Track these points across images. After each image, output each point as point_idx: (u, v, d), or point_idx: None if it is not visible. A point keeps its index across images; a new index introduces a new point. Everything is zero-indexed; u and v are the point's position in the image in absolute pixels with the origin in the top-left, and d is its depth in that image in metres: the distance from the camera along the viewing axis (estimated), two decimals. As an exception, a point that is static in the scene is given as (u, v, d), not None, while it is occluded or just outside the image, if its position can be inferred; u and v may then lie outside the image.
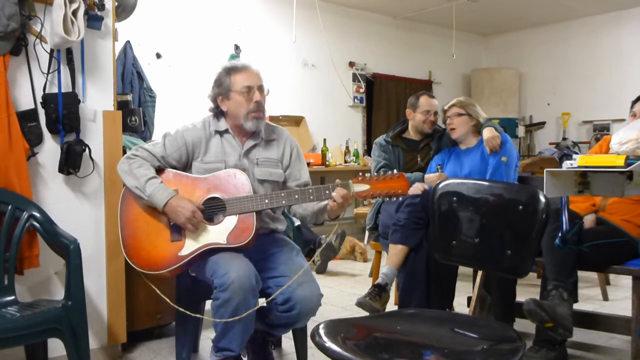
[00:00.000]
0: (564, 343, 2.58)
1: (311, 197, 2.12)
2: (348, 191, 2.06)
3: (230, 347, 2.07)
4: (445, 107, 3.29)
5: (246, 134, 2.32)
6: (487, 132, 3.16)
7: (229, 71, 2.29)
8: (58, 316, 2.07)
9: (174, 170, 2.26)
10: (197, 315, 2.25)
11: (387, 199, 2.06)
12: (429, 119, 3.37)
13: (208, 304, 2.33)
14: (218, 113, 2.34)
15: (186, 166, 2.30)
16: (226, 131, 2.31)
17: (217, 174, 2.21)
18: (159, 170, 2.24)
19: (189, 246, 2.12)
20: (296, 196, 2.12)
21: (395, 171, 2.07)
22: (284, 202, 2.13)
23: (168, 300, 2.19)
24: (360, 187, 2.06)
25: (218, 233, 2.12)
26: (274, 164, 2.33)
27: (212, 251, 2.11)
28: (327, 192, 2.09)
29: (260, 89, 2.28)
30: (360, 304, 2.82)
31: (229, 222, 2.12)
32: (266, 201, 2.12)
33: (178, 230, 2.14)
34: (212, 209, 2.16)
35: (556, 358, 2.53)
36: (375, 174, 2.08)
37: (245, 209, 2.11)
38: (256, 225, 2.11)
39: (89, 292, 2.50)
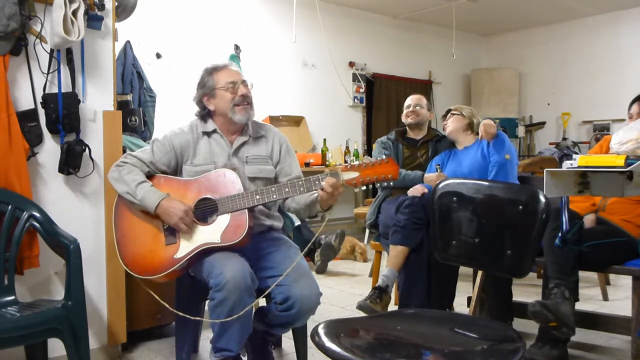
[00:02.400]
0: (566, 342, 2.58)
1: (301, 189, 2.11)
2: (337, 180, 2.05)
3: (229, 347, 2.07)
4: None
5: (235, 131, 2.33)
6: (485, 120, 3.23)
7: (211, 71, 2.33)
8: (58, 316, 2.07)
9: (165, 175, 2.28)
10: (197, 318, 2.25)
11: (378, 184, 2.04)
12: (409, 110, 3.46)
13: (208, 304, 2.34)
14: (205, 115, 2.36)
15: (176, 170, 2.31)
16: (214, 131, 2.32)
17: (206, 174, 2.21)
18: (150, 176, 2.25)
19: (184, 248, 2.12)
20: (286, 189, 2.12)
21: (384, 156, 2.05)
22: (275, 196, 2.12)
23: (167, 306, 2.20)
24: (349, 175, 2.04)
25: (212, 233, 2.12)
26: (264, 160, 2.34)
27: (208, 251, 2.11)
28: (317, 182, 2.08)
29: (244, 83, 2.31)
30: (360, 307, 2.82)
31: (222, 221, 2.13)
32: (257, 197, 2.12)
33: (172, 233, 2.14)
34: (205, 210, 2.16)
35: (559, 356, 2.53)
36: (365, 161, 2.06)
37: (237, 207, 2.12)
38: (249, 222, 2.12)
39: (89, 292, 2.50)
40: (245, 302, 2.01)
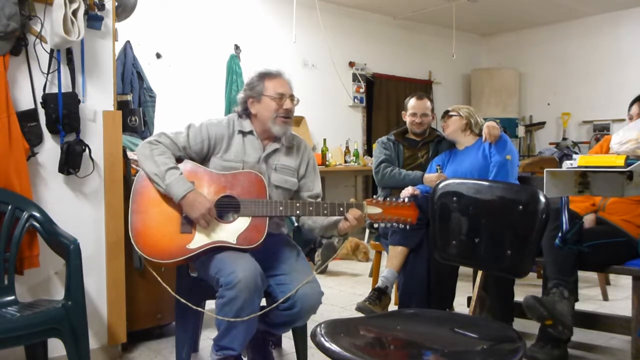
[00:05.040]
0: (567, 342, 2.58)
1: (325, 212, 2.15)
2: (362, 212, 2.12)
3: (232, 346, 2.07)
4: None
5: (269, 137, 2.34)
6: (489, 122, 3.21)
7: (263, 76, 2.33)
8: (58, 316, 2.07)
9: (193, 162, 2.26)
10: (199, 309, 2.25)
11: (396, 225, 2.10)
12: (415, 121, 3.37)
13: (207, 304, 2.33)
14: (244, 115, 2.36)
15: (204, 160, 2.30)
16: (250, 132, 2.32)
17: (235, 173, 2.21)
18: (178, 160, 2.23)
19: (198, 240, 2.12)
20: (310, 208, 2.15)
21: (407, 200, 2.12)
22: (298, 212, 2.16)
23: (169, 289, 2.19)
24: (373, 210, 2.12)
25: (229, 232, 2.13)
26: (291, 172, 2.35)
27: (219, 249, 2.11)
28: (342, 209, 2.14)
29: (292, 97, 2.32)
30: (359, 308, 2.82)
31: (241, 223, 2.13)
32: (280, 208, 2.14)
33: (189, 222, 2.13)
34: (226, 207, 2.16)
35: (560, 356, 2.53)
36: (389, 199, 2.13)
37: (259, 213, 2.13)
38: (268, 230, 2.13)
39: (89, 292, 2.50)
40: (254, 302, 2.02)
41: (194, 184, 2.16)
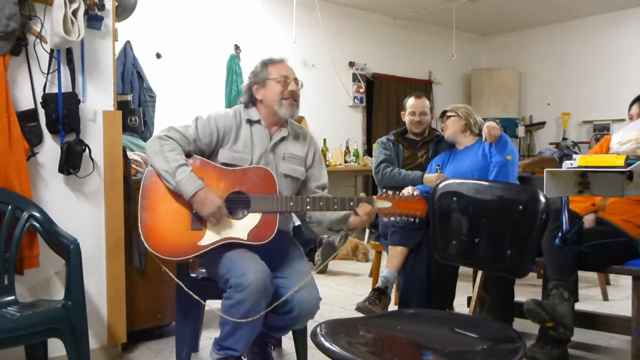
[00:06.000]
0: (567, 342, 2.59)
1: (335, 207, 2.15)
2: (372, 207, 2.12)
3: (236, 347, 2.07)
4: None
5: (276, 123, 2.34)
6: (489, 122, 3.21)
7: (266, 63, 2.35)
8: (58, 316, 2.07)
9: (202, 158, 2.24)
10: (203, 303, 2.24)
11: (405, 219, 2.10)
12: (414, 119, 3.37)
13: (207, 304, 2.33)
14: (249, 103, 2.36)
15: (212, 153, 2.29)
16: (258, 122, 2.32)
17: (244, 168, 2.21)
18: (187, 156, 2.21)
19: (209, 237, 2.11)
20: (321, 203, 2.15)
21: (416, 193, 2.11)
22: (308, 207, 2.16)
23: (177, 281, 2.20)
24: (382, 204, 2.12)
25: (239, 228, 2.12)
26: (299, 161, 2.35)
27: (229, 246, 2.11)
28: (352, 204, 2.14)
29: (296, 80, 2.34)
30: (359, 309, 2.82)
31: (252, 219, 2.13)
32: (291, 204, 2.14)
33: (200, 219, 2.12)
34: (236, 203, 2.16)
35: (560, 356, 2.53)
36: (399, 193, 2.14)
37: (269, 209, 2.13)
38: (278, 226, 2.13)
39: (89, 292, 2.50)
40: (261, 305, 2.01)
41: (203, 180, 2.14)
